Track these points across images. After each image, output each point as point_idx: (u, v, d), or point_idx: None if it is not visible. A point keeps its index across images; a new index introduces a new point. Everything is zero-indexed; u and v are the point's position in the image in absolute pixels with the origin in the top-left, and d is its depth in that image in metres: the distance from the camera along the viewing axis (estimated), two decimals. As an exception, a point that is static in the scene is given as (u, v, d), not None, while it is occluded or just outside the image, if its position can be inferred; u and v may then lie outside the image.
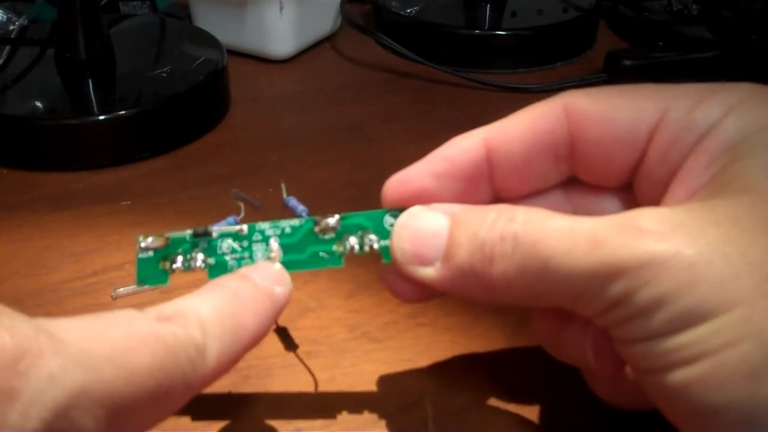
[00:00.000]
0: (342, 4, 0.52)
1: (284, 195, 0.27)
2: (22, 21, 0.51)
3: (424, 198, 0.22)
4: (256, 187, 0.36)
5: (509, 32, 0.50)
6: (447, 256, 0.20)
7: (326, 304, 0.28)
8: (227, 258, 0.23)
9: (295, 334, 0.27)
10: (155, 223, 0.33)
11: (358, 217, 0.23)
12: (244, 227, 0.23)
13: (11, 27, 0.50)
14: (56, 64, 0.41)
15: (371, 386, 0.25)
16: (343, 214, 0.23)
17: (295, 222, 0.23)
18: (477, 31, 0.50)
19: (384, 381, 0.25)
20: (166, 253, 0.23)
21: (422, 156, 0.23)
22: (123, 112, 0.38)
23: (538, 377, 0.25)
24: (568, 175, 0.23)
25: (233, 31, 0.49)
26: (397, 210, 0.22)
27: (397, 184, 0.23)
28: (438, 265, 0.20)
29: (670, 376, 0.17)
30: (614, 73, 0.47)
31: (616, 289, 0.17)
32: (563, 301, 0.19)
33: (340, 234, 0.23)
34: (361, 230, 0.23)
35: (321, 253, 0.23)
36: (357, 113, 0.44)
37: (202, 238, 0.23)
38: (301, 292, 0.29)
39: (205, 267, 0.23)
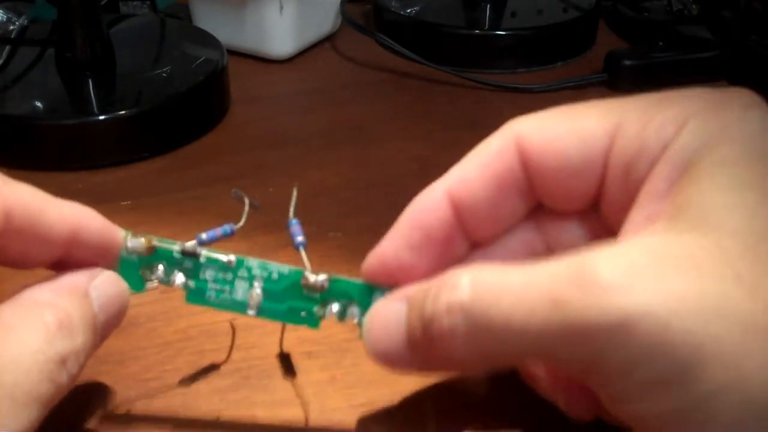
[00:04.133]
0: (342, 4, 0.52)
1: (292, 208, 0.26)
2: (22, 21, 0.51)
3: (403, 271, 0.22)
4: (256, 187, 0.36)
5: (509, 32, 0.50)
6: (409, 345, 0.20)
7: (326, 304, 0.28)
8: (208, 286, 0.22)
9: (295, 334, 0.27)
10: (155, 224, 0.33)
11: (347, 285, 0.23)
12: (233, 259, 0.22)
13: (11, 27, 0.50)
14: (56, 64, 0.41)
15: (371, 386, 0.25)
16: (332, 276, 0.22)
17: (285, 270, 0.23)
18: (477, 31, 0.50)
19: (384, 381, 0.25)
20: (149, 261, 0.22)
21: (422, 156, 0.23)
22: (123, 112, 0.38)
23: (538, 377, 0.25)
24: (536, 203, 0.22)
25: (233, 31, 0.49)
26: (386, 288, 0.22)
27: (375, 264, 0.22)
28: (405, 354, 0.20)
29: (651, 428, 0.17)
30: (614, 73, 0.47)
31: (587, 351, 0.16)
32: (530, 362, 0.19)
33: (325, 297, 0.22)
34: (346, 299, 0.22)
35: (301, 312, 0.23)
36: (357, 113, 0.44)
37: (189, 258, 0.22)
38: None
39: (184, 288, 0.22)
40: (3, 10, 0.51)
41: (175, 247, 0.22)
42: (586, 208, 0.21)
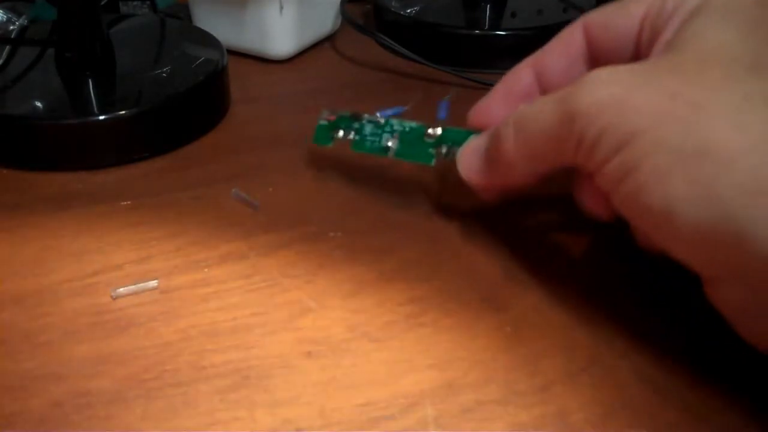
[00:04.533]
0: (342, 4, 0.52)
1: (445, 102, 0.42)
2: (22, 21, 0.51)
3: (495, 120, 0.29)
4: (256, 187, 0.36)
5: (509, 32, 0.50)
6: (485, 160, 0.29)
7: (326, 304, 0.28)
8: (367, 137, 0.35)
9: (295, 335, 0.27)
10: (155, 224, 0.33)
11: (455, 132, 0.33)
12: (382, 120, 0.35)
13: (11, 27, 0.50)
14: (56, 64, 0.41)
15: (371, 386, 0.25)
16: (445, 128, 0.33)
17: (414, 125, 0.34)
18: (477, 31, 0.50)
19: (384, 381, 0.25)
20: (334, 125, 0.36)
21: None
22: (123, 112, 0.38)
23: (538, 377, 0.25)
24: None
25: (233, 31, 0.49)
26: (479, 131, 0.31)
27: (476, 114, 0.32)
28: (483, 168, 0.29)
29: (620, 192, 0.23)
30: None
31: (576, 128, 0.24)
32: (553, 151, 0.25)
33: (438, 142, 0.33)
34: (452, 143, 0.32)
35: (423, 150, 0.33)
36: (357, 113, 0.44)
37: (357, 121, 0.35)
38: (301, 292, 0.29)
39: (352, 138, 0.35)
40: (3, 10, 0.51)
41: (347, 113, 0.36)
42: None
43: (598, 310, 0.28)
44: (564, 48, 0.30)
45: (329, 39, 0.53)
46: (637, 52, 0.27)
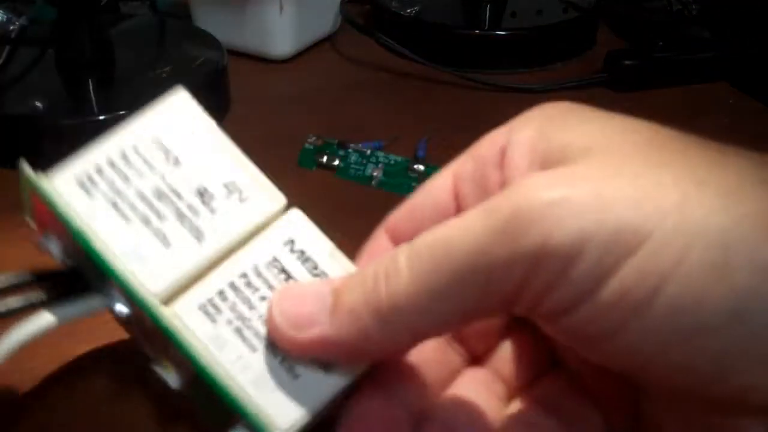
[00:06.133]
0: (342, 4, 0.52)
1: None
2: (22, 21, 0.51)
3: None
4: (256, 187, 0.36)
5: (509, 32, 0.50)
6: (333, 306, 0.18)
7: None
8: (351, 165, 0.37)
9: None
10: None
11: (436, 170, 0.30)
12: (368, 151, 0.37)
13: (11, 27, 0.50)
14: (56, 64, 0.41)
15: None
16: (428, 165, 0.35)
17: (399, 158, 0.37)
18: (477, 31, 0.50)
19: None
20: (319, 150, 0.38)
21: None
22: (123, 112, 0.38)
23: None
24: None
25: (233, 31, 0.49)
26: None
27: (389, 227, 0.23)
28: (323, 318, 0.18)
29: (609, 322, 0.16)
30: (614, 73, 0.47)
31: (529, 242, 0.15)
32: (479, 299, 0.17)
33: (421, 177, 0.35)
34: None
35: (406, 183, 0.36)
36: (357, 113, 0.44)
37: (342, 149, 0.37)
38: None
39: (336, 166, 0.37)
40: (3, 10, 0.51)
41: (335, 141, 0.38)
42: None
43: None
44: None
45: (329, 39, 0.53)
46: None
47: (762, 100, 0.46)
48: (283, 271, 0.19)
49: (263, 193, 0.20)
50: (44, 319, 0.20)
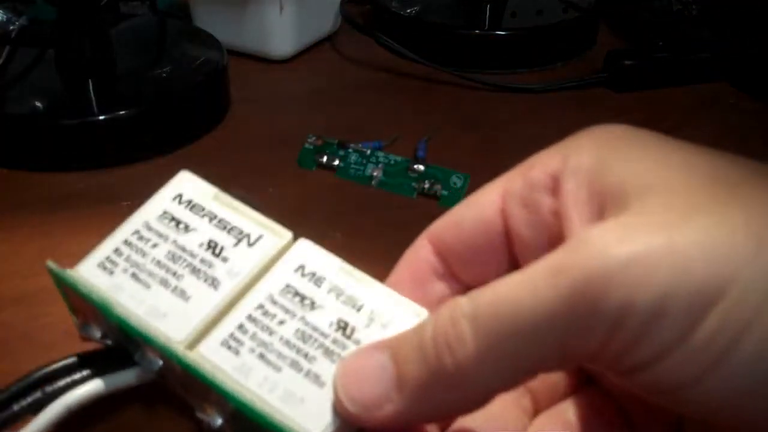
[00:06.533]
0: (342, 4, 0.52)
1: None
2: (22, 21, 0.51)
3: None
4: (256, 187, 0.36)
5: (509, 32, 0.50)
6: (399, 380, 0.17)
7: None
8: (352, 165, 0.37)
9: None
10: (155, 223, 0.33)
11: (438, 170, 0.35)
12: (368, 151, 0.37)
13: (11, 27, 0.50)
14: (56, 64, 0.41)
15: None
16: (428, 165, 0.36)
17: (399, 158, 0.37)
18: (477, 31, 0.50)
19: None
20: (319, 150, 0.38)
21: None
22: (123, 112, 0.38)
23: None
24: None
25: (233, 31, 0.49)
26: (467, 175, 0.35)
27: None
28: (393, 395, 0.17)
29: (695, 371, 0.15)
30: (614, 73, 0.47)
31: (606, 305, 0.15)
32: (552, 357, 0.16)
33: (421, 177, 0.35)
34: (434, 180, 0.35)
35: (406, 183, 0.36)
36: (357, 113, 0.44)
37: (342, 149, 0.37)
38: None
39: (336, 166, 0.37)
40: (3, 10, 0.51)
41: (335, 141, 0.37)
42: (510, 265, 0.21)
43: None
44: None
45: (329, 39, 0.53)
46: (512, 243, 0.20)
47: (762, 100, 0.46)
48: (297, 294, 0.20)
49: (269, 233, 0.21)
50: (88, 387, 0.21)
